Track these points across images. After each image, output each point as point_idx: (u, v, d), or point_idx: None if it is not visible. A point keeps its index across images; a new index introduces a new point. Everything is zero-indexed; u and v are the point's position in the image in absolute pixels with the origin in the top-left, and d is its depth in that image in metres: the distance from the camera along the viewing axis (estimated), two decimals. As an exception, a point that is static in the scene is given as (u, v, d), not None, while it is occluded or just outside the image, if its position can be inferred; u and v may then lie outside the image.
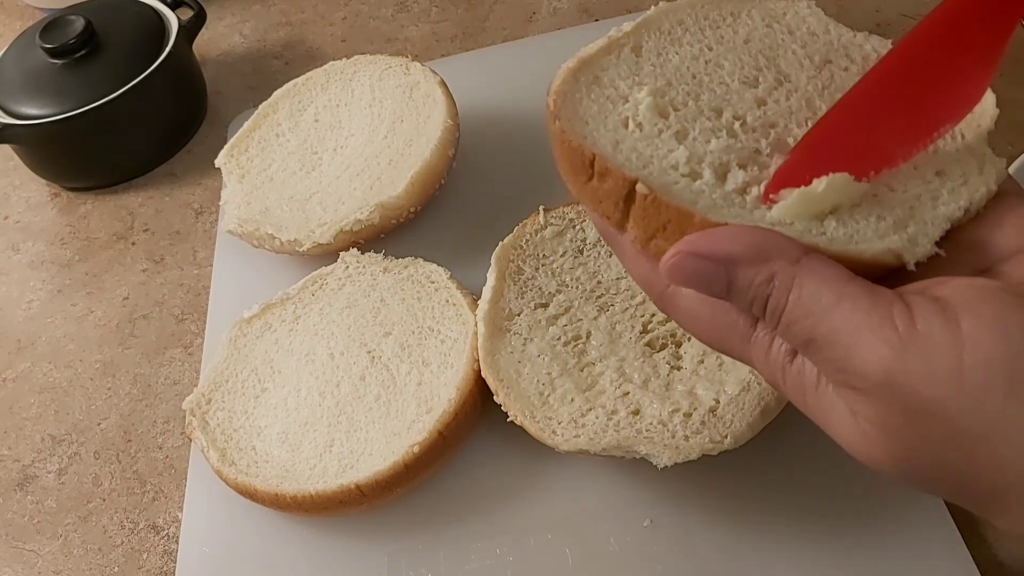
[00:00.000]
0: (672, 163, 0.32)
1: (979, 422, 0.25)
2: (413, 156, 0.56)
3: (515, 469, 0.47)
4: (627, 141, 0.32)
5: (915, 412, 0.26)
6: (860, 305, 0.27)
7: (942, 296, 0.27)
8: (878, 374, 0.26)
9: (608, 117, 0.33)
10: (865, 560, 0.41)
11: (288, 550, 0.47)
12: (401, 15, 0.80)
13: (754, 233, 0.29)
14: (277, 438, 0.48)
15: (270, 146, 0.62)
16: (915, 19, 0.66)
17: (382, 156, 0.58)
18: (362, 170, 0.58)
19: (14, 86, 0.68)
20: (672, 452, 0.41)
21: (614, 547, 0.44)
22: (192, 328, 0.60)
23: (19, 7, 0.91)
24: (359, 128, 0.60)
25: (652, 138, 0.33)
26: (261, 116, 0.64)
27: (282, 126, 0.63)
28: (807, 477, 0.44)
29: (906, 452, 0.27)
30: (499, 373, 0.46)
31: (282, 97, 0.64)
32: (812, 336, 0.28)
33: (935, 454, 0.27)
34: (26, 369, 0.60)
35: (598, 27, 0.72)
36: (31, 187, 0.73)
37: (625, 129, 0.33)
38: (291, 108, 0.64)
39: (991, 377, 0.25)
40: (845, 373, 0.27)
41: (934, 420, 0.26)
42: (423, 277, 0.52)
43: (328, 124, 0.62)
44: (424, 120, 0.58)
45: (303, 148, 0.61)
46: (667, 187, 0.31)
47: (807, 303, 0.28)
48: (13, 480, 0.55)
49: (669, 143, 0.32)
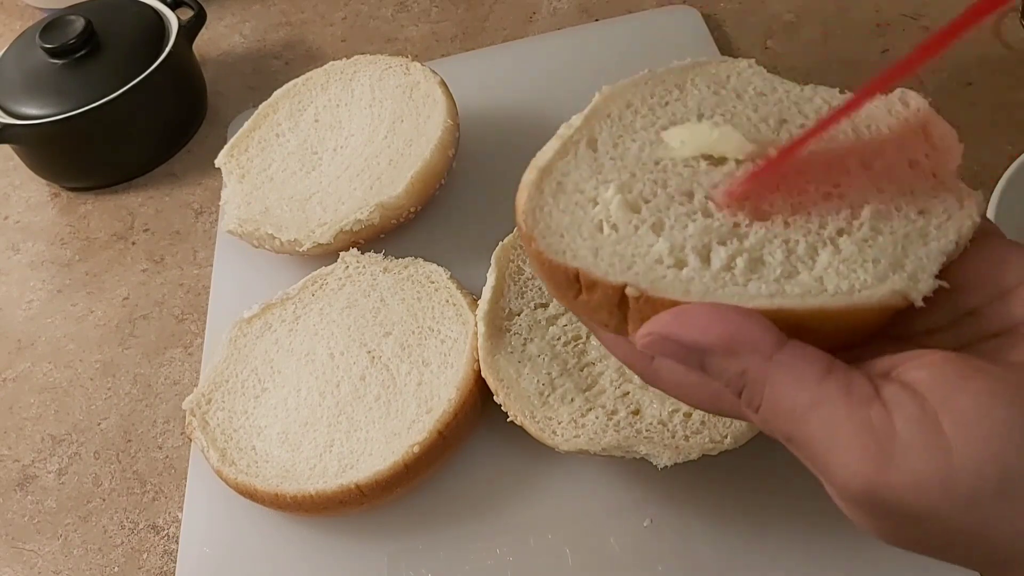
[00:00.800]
0: (656, 258, 0.31)
1: (972, 522, 0.25)
2: (413, 156, 0.56)
3: (515, 469, 0.47)
4: (606, 246, 0.31)
5: (904, 517, 0.26)
6: (837, 410, 0.26)
7: (920, 383, 0.26)
8: (860, 487, 0.26)
9: (582, 225, 0.32)
10: (865, 560, 0.41)
11: (288, 550, 0.47)
12: (401, 15, 0.80)
13: (726, 321, 0.28)
14: (277, 438, 0.48)
15: (270, 146, 0.62)
16: (915, 19, 0.66)
17: (382, 156, 0.58)
18: (362, 170, 0.58)
19: (14, 86, 0.68)
20: (672, 452, 0.41)
21: (614, 547, 0.44)
22: (192, 328, 0.60)
23: (19, 7, 0.91)
24: (359, 128, 0.60)
25: (630, 237, 0.32)
26: (261, 116, 0.64)
27: (282, 126, 0.63)
28: (807, 477, 0.44)
29: (900, 541, 0.28)
30: (499, 373, 0.46)
31: (282, 97, 0.64)
32: (790, 436, 0.27)
33: (930, 544, 0.27)
34: (26, 369, 0.60)
35: (598, 27, 0.72)
36: (31, 187, 0.73)
37: (601, 234, 0.32)
38: (291, 108, 0.64)
39: (980, 481, 0.24)
40: (826, 478, 0.27)
41: (926, 522, 0.25)
42: (423, 277, 0.52)
43: (328, 124, 0.62)
44: (424, 120, 0.58)
45: (303, 148, 0.61)
46: (656, 283, 0.30)
47: (782, 404, 0.27)
48: (13, 480, 0.55)
49: (648, 238, 0.32)
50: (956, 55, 0.63)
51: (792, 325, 0.29)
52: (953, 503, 0.25)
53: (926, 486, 0.25)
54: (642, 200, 0.33)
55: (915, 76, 0.45)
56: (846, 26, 0.67)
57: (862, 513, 0.27)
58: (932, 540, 0.26)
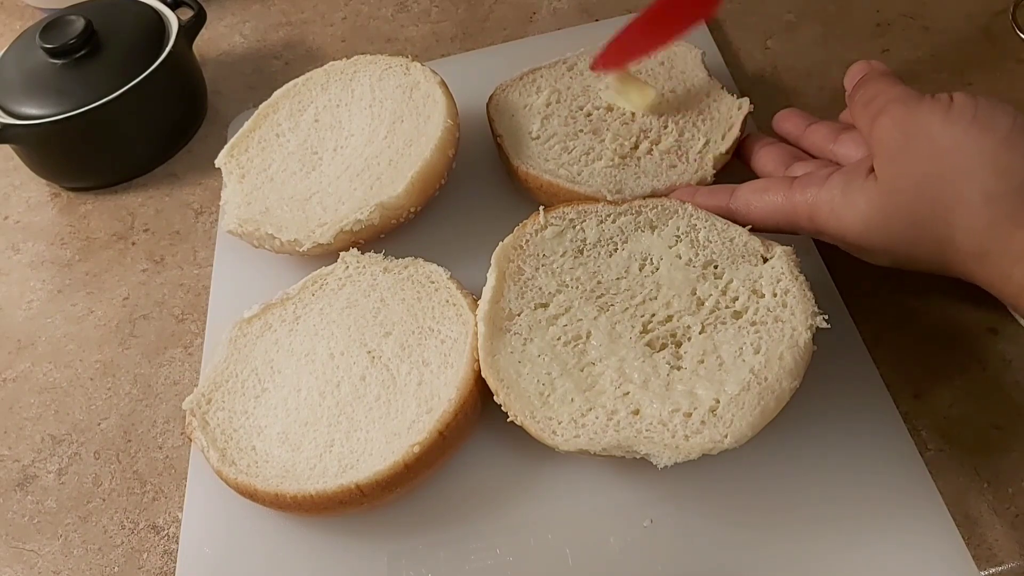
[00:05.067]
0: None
1: (952, 138, 0.41)
2: (413, 156, 0.56)
3: (515, 469, 0.47)
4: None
5: (916, 136, 0.42)
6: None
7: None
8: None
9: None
10: (864, 559, 0.42)
11: (288, 550, 0.47)
12: (401, 15, 0.80)
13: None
14: (277, 438, 0.48)
15: (270, 146, 0.62)
16: (915, 19, 0.66)
17: (382, 156, 0.58)
18: (362, 170, 0.58)
19: (14, 86, 0.68)
20: (672, 452, 0.41)
21: (614, 547, 0.44)
22: (192, 328, 0.60)
23: (19, 7, 0.91)
24: (359, 128, 0.60)
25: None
26: (261, 116, 0.64)
27: (282, 126, 0.63)
28: (807, 477, 0.45)
29: (896, 199, 0.42)
30: (499, 373, 0.46)
31: (282, 97, 0.65)
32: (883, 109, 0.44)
33: (919, 178, 0.41)
34: (26, 369, 0.60)
35: (598, 27, 0.72)
36: (31, 187, 0.73)
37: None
38: (291, 108, 0.64)
39: (968, 120, 0.41)
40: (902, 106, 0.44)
41: (924, 138, 0.42)
42: (423, 277, 0.52)
43: (328, 124, 0.62)
44: (424, 120, 0.58)
45: (303, 148, 0.61)
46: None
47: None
48: (13, 480, 0.55)
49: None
50: (956, 55, 0.63)
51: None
52: (947, 127, 0.41)
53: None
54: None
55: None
56: (846, 26, 0.67)
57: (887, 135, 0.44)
58: (921, 169, 0.41)
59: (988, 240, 0.40)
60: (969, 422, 0.46)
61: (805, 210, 0.46)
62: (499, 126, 0.59)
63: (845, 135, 0.51)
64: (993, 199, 0.39)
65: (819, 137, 0.52)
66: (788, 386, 0.42)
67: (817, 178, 0.46)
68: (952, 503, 0.43)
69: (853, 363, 0.48)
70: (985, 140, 0.40)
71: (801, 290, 0.45)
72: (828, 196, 0.45)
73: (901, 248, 0.43)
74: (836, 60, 0.65)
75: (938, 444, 0.45)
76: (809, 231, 0.47)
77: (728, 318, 0.46)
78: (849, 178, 0.44)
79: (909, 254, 0.44)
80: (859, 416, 0.46)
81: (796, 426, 0.45)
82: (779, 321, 0.45)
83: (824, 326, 0.44)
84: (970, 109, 0.41)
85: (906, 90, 0.44)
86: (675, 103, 0.58)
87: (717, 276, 0.48)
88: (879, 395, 0.46)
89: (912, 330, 0.50)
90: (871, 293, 0.51)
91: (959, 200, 0.40)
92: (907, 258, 0.44)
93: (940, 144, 0.41)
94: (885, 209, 0.42)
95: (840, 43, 0.66)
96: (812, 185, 0.46)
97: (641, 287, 0.48)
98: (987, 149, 0.40)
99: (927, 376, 0.48)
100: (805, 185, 0.46)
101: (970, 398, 0.47)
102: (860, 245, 0.45)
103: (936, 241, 0.42)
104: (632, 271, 0.49)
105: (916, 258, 0.44)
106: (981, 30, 0.64)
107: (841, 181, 0.45)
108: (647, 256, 0.50)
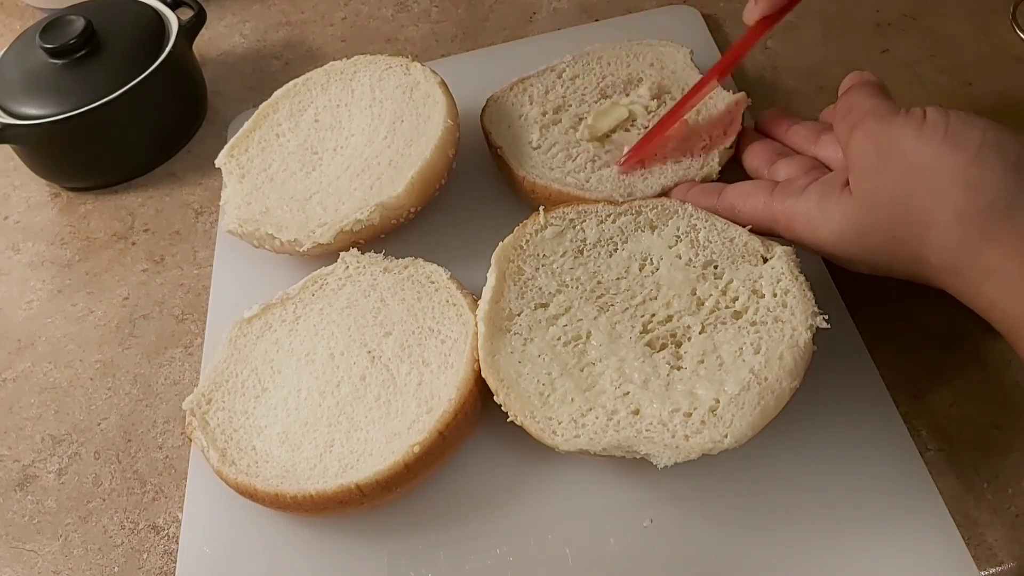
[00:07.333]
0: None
1: (924, 155, 0.41)
2: (413, 156, 0.56)
3: (515, 469, 0.47)
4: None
5: (889, 152, 0.42)
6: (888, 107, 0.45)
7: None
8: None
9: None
10: (864, 559, 0.42)
11: (288, 550, 0.47)
12: (401, 15, 0.80)
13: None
14: (277, 438, 0.48)
15: (270, 146, 0.62)
16: (915, 19, 0.66)
17: (382, 156, 0.58)
18: (362, 170, 0.58)
19: (14, 86, 0.68)
20: (672, 452, 0.41)
21: (614, 547, 0.44)
22: (192, 328, 0.60)
23: (19, 7, 0.91)
24: (359, 128, 0.60)
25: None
26: (261, 116, 0.64)
27: (282, 126, 0.63)
28: (807, 477, 0.45)
29: (870, 215, 0.42)
30: (499, 373, 0.46)
31: (282, 97, 0.64)
32: (861, 120, 0.44)
33: (892, 195, 0.42)
34: (26, 369, 0.60)
35: (598, 27, 0.72)
36: (31, 187, 0.73)
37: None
38: (291, 108, 0.64)
39: (936, 134, 0.41)
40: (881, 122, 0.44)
41: (896, 154, 0.42)
42: (423, 277, 0.52)
43: (328, 124, 0.62)
44: (424, 120, 0.58)
45: (303, 148, 0.61)
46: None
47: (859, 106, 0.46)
48: (13, 480, 0.55)
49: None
50: (956, 55, 0.63)
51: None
52: (920, 144, 0.41)
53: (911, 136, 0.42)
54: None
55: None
56: (846, 26, 0.67)
57: (863, 149, 0.44)
58: (894, 184, 0.42)
59: (959, 256, 0.40)
60: (969, 422, 0.46)
61: (783, 219, 0.46)
62: (497, 138, 0.58)
63: (826, 136, 0.51)
64: (964, 216, 0.40)
65: (800, 139, 0.53)
66: (788, 386, 0.42)
67: (795, 188, 0.47)
68: (952, 503, 0.43)
69: (853, 363, 0.48)
70: (956, 157, 0.40)
71: (801, 290, 0.45)
72: (804, 208, 0.45)
73: (878, 259, 0.44)
74: (836, 60, 0.65)
75: (938, 444, 0.45)
76: (788, 238, 0.47)
77: (728, 318, 0.46)
78: (825, 191, 0.45)
79: (887, 265, 0.44)
80: (859, 416, 0.46)
81: (796, 426, 0.45)
82: (779, 321, 0.45)
83: (824, 326, 0.44)
84: (942, 126, 0.41)
85: (881, 103, 0.44)
86: (671, 103, 0.58)
87: (717, 276, 0.48)
88: (879, 395, 0.46)
89: (912, 330, 0.50)
90: (871, 293, 0.51)
91: (932, 217, 0.41)
92: (886, 269, 0.45)
93: (913, 161, 0.41)
94: (859, 224, 0.43)
95: (840, 43, 0.66)
96: (791, 195, 0.46)
97: (641, 287, 0.49)
98: (958, 166, 0.40)
99: (927, 376, 0.48)
100: (784, 195, 0.47)
101: (970, 398, 0.47)
102: (836, 256, 0.45)
103: (910, 255, 0.42)
104: (632, 271, 0.49)
105: (893, 269, 0.44)
106: (981, 30, 0.64)
107: (817, 194, 0.45)
108: (647, 256, 0.50)
